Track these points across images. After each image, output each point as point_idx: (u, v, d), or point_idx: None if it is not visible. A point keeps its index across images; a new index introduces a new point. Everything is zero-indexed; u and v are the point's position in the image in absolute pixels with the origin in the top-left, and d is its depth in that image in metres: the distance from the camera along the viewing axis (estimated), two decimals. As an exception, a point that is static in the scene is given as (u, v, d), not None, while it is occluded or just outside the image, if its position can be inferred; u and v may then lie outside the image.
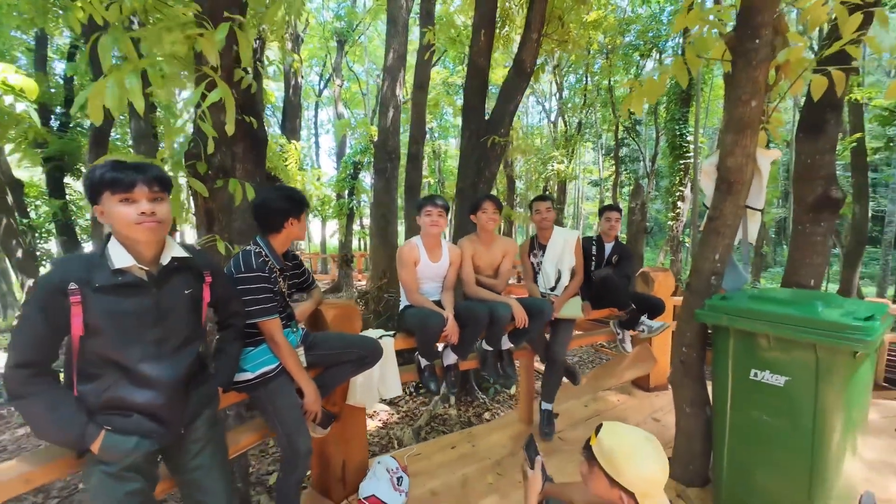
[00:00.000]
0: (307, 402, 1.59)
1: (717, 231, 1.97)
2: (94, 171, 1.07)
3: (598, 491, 1.10)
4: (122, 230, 1.08)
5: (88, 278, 1.03)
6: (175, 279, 1.18)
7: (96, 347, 1.05)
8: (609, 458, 1.05)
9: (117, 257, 1.07)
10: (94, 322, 1.03)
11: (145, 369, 1.09)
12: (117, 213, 1.06)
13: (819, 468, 1.56)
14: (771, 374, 1.65)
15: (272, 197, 1.58)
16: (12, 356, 0.99)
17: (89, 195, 1.08)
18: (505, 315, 2.09)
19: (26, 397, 0.99)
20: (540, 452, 1.41)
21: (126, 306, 1.07)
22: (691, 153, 12.78)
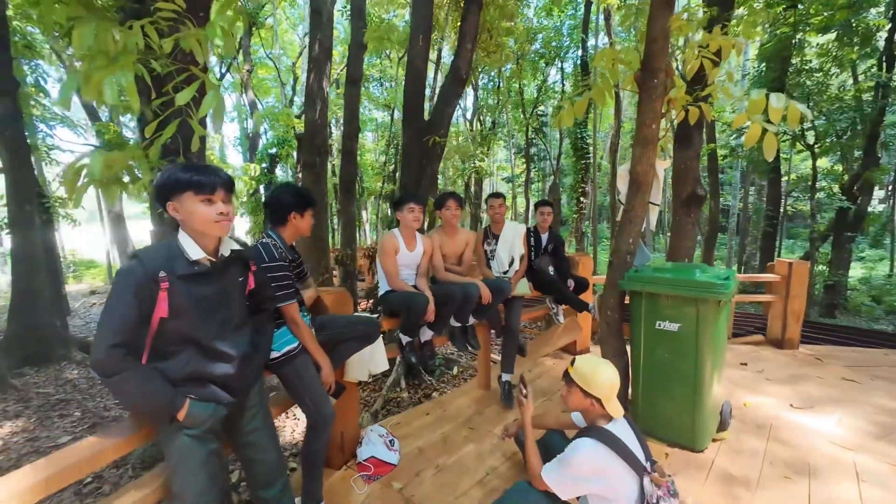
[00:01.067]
0: (324, 375, 1.80)
1: (631, 220, 2.60)
2: (175, 171, 1.20)
3: (575, 403, 1.56)
4: (199, 226, 1.24)
5: (172, 267, 1.18)
6: (231, 269, 1.35)
7: (178, 328, 1.20)
8: (583, 376, 1.51)
9: (191, 250, 1.23)
10: (177, 305, 1.18)
11: (219, 346, 1.27)
12: (199, 211, 1.22)
13: (698, 390, 2.24)
14: (669, 323, 2.30)
15: (280, 191, 1.77)
16: (108, 338, 1.10)
17: (166, 192, 1.21)
18: (475, 293, 2.48)
19: (122, 374, 1.11)
20: (528, 387, 1.84)
21: (201, 291, 1.24)
22: (591, 154, 14.54)
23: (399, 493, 2.01)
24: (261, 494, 1.50)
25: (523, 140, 20.73)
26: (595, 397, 1.50)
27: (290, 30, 21.11)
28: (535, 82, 19.06)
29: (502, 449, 2.37)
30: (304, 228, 1.82)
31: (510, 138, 22.42)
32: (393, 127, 17.20)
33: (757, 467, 2.18)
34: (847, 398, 2.97)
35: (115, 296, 1.13)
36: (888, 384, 3.21)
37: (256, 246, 1.67)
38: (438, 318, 2.48)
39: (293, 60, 17.99)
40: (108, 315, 1.12)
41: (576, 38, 16.84)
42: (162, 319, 1.17)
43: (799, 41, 8.60)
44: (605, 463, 1.41)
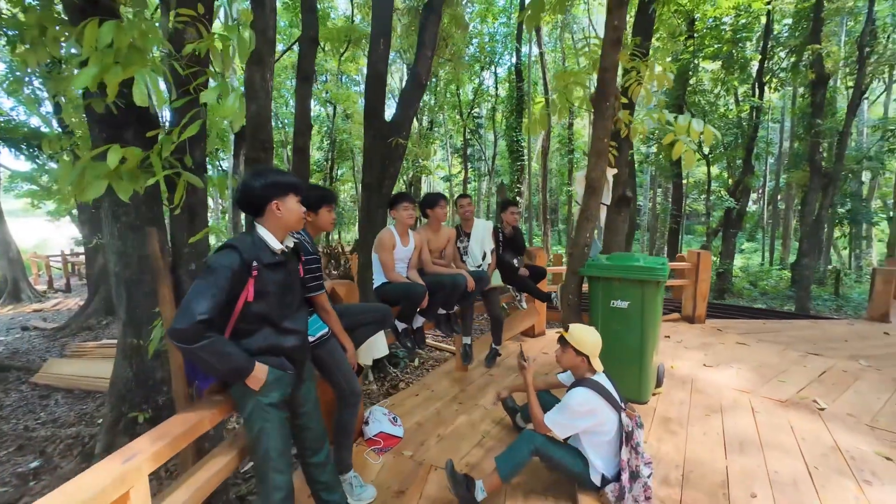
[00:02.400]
0: (349, 355, 2.01)
1: (587, 218, 3.11)
2: (286, 176, 1.44)
3: (568, 361, 1.96)
4: (294, 223, 1.46)
5: (260, 257, 1.36)
6: (291, 258, 1.54)
7: (259, 309, 1.38)
8: (576, 338, 1.93)
9: (273, 243, 1.43)
10: (261, 290, 1.37)
11: (288, 324, 1.46)
12: (297, 210, 1.45)
13: (643, 355, 2.80)
14: (621, 302, 2.84)
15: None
16: (197, 312, 1.23)
17: (275, 192, 1.41)
18: (463, 283, 2.81)
19: (204, 342, 1.25)
20: (527, 356, 2.21)
21: (278, 278, 1.44)
22: (525, 157, 15.57)
23: (411, 459, 2.28)
24: (311, 460, 1.69)
25: (460, 140, 21.43)
26: (585, 355, 1.92)
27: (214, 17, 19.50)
28: (472, 85, 19.81)
29: (491, 417, 2.73)
30: (324, 224, 2.00)
31: (448, 139, 22.99)
32: (331, 123, 16.80)
33: (685, 411, 2.80)
34: (740, 357, 3.80)
35: (211, 278, 1.28)
36: (767, 345, 4.15)
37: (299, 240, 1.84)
38: (430, 306, 2.77)
39: (220, 47, 16.66)
40: (201, 293, 1.26)
41: (509, 45, 17.87)
42: (246, 303, 1.34)
43: (695, 66, 10.20)
44: (595, 404, 1.82)
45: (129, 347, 3.16)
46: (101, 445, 3.31)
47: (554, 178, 25.87)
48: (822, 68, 8.99)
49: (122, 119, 2.59)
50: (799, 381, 3.23)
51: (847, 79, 12.55)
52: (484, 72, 19.34)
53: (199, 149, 2.32)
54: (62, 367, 5.86)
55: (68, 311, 9.96)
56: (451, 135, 23.15)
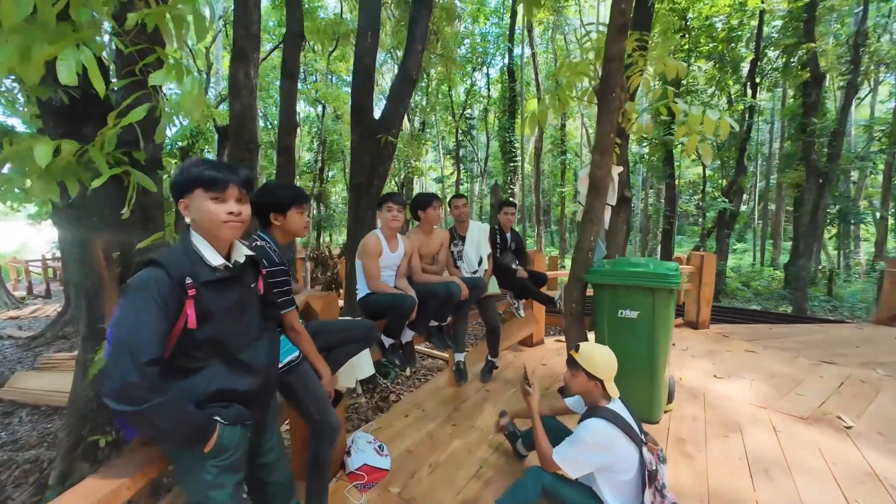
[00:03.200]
0: (325, 383, 1.73)
1: (592, 220, 2.86)
2: (189, 167, 1.09)
3: (579, 386, 1.70)
4: (208, 227, 1.12)
5: (196, 274, 1.07)
6: (245, 274, 1.25)
7: (203, 340, 1.08)
8: (588, 360, 1.67)
9: (210, 255, 1.12)
10: (206, 314, 1.07)
11: (244, 357, 1.17)
12: (207, 210, 1.11)
13: (655, 369, 2.56)
14: (630, 311, 2.59)
15: (261, 192, 1.65)
16: (139, 355, 0.94)
17: (179, 189, 1.10)
18: (457, 292, 2.54)
19: (155, 399, 0.96)
20: (532, 380, 1.95)
21: (224, 299, 1.13)
22: (519, 157, 15.39)
23: (399, 497, 2.00)
24: (275, 518, 1.40)
25: (452, 142, 21.22)
26: (598, 379, 1.66)
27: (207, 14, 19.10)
28: (464, 86, 19.66)
29: (488, 441, 2.46)
30: (295, 228, 1.71)
31: (440, 139, 22.79)
32: (321, 124, 16.47)
33: (700, 430, 2.56)
34: (751, 366, 3.58)
35: (137, 308, 0.99)
36: (776, 352, 3.94)
37: (261, 248, 1.56)
38: (421, 318, 2.50)
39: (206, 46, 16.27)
40: (132, 330, 0.97)
41: (501, 46, 17.73)
42: (186, 331, 1.05)
43: (688, 65, 10.08)
44: (612, 438, 1.57)
45: (89, 363, 2.84)
46: (57, 474, 2.98)
47: (546, 180, 25.80)
48: (818, 67, 8.91)
49: (80, 111, 2.28)
50: (817, 393, 3.02)
51: (837, 79, 12.60)
52: (476, 72, 19.19)
53: (152, 142, 2.02)
54: (29, 381, 5.45)
55: (46, 318, 9.48)
56: (443, 136, 22.96)
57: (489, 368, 3.36)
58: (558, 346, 4.19)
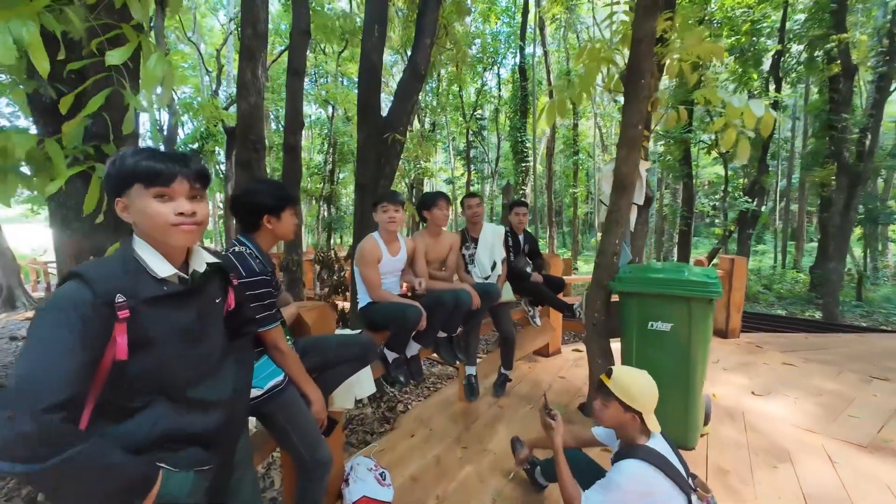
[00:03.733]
0: (315, 410, 1.49)
1: (616, 221, 2.59)
2: (123, 158, 0.86)
3: (612, 418, 1.44)
4: (153, 231, 0.89)
5: (133, 289, 0.84)
6: (208, 287, 1.02)
7: (142, 373, 0.85)
8: (623, 388, 1.40)
9: (157, 265, 0.89)
10: (142, 342, 0.84)
11: (200, 392, 0.93)
12: (151, 211, 0.88)
13: (691, 389, 2.27)
14: (662, 323, 2.31)
15: (248, 190, 1.45)
16: (40, 398, 0.71)
17: (112, 185, 0.87)
18: (467, 300, 2.29)
19: (64, 453, 0.72)
20: (554, 408, 1.69)
21: (176, 320, 0.90)
22: (530, 158, 15.09)
23: (401, 536, 1.76)
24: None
25: (463, 142, 21.01)
26: (636, 411, 1.40)
27: (210, 13, 19.32)
28: (474, 86, 19.46)
29: (503, 466, 2.20)
30: (285, 232, 1.50)
31: (450, 141, 22.62)
32: (331, 125, 16.42)
33: (745, 459, 2.26)
34: (792, 382, 3.25)
35: (46, 334, 0.76)
36: (818, 366, 3.59)
37: (228, 256, 1.34)
38: (428, 329, 2.25)
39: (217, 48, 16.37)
40: (36, 364, 0.74)
41: (512, 45, 17.46)
42: (117, 363, 0.82)
43: (710, 60, 9.67)
44: (653, 485, 1.30)
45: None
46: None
47: (558, 180, 25.41)
48: (849, 59, 8.44)
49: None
50: (874, 416, 2.68)
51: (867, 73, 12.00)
52: (486, 73, 18.98)
53: (128, 135, 1.82)
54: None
55: (60, 320, 9.51)
56: (453, 137, 22.80)
57: (502, 382, 3.11)
58: (577, 357, 3.90)
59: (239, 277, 1.26)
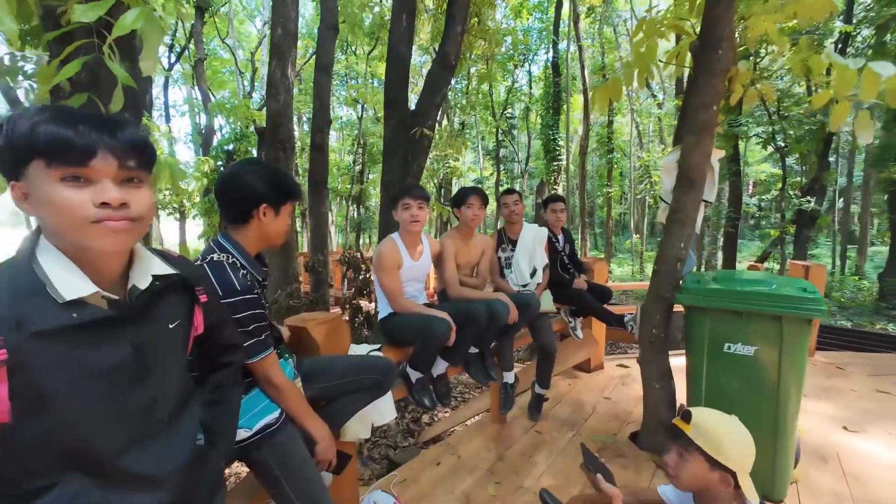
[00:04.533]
0: (321, 450, 1.22)
1: (681, 222, 2.18)
2: (15, 120, 0.59)
3: (693, 476, 1.08)
4: (66, 231, 0.62)
5: (19, 317, 0.57)
6: (157, 309, 0.74)
7: (42, 439, 0.59)
8: (711, 438, 1.05)
9: (63, 282, 0.62)
10: (34, 395, 0.57)
11: (132, 462, 0.66)
12: (60, 200, 0.60)
13: (781, 428, 1.84)
14: (742, 346, 1.89)
15: (242, 170, 1.15)
16: None
17: (4, 163, 0.61)
18: (503, 313, 1.97)
19: None
20: (603, 459, 1.34)
21: (94, 361, 0.63)
22: (563, 156, 14.51)
23: None
24: None
25: (492, 142, 20.62)
26: (729, 471, 1.03)
27: (248, 20, 19.89)
28: (504, 84, 19.05)
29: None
30: (279, 232, 1.20)
31: (479, 140, 22.26)
32: (360, 125, 16.48)
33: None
34: (891, 414, 2.71)
35: None
36: (920, 394, 3.01)
37: (202, 268, 1.05)
38: (457, 345, 1.94)
39: (252, 52, 16.77)
40: None
41: (545, 41, 16.91)
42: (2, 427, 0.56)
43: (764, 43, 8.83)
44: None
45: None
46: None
47: (590, 180, 24.52)
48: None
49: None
50: None
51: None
52: (517, 70, 18.54)
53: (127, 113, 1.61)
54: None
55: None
56: (482, 136, 22.46)
57: (537, 403, 2.72)
58: (622, 374, 3.48)
59: (213, 296, 0.99)
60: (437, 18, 6.68)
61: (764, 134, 9.08)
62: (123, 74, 1.26)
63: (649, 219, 21.61)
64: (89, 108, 1.49)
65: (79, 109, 0.65)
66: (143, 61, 1.20)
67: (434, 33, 8.37)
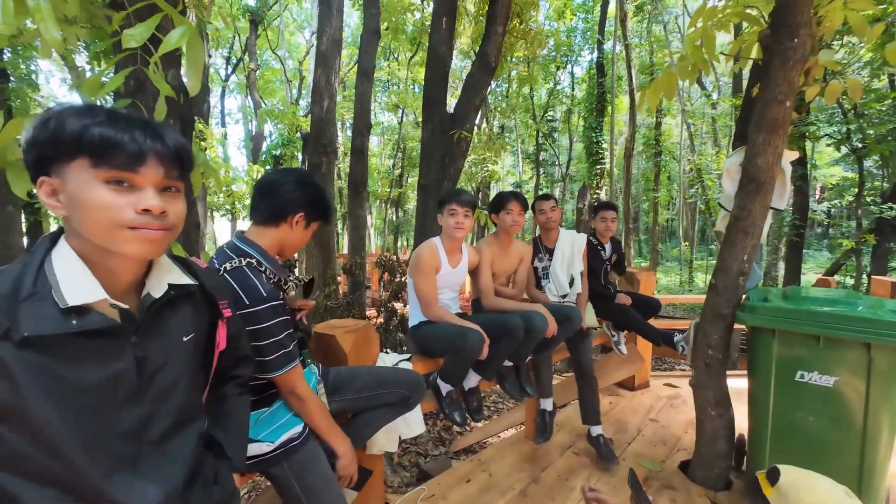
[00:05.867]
0: (343, 466, 1.16)
1: (745, 231, 1.95)
2: (62, 116, 0.57)
3: None
4: (93, 233, 0.60)
5: (11, 321, 0.55)
6: (169, 320, 0.71)
7: (19, 457, 0.56)
8: None
9: (72, 285, 0.59)
10: (16, 408, 0.55)
11: (121, 486, 0.62)
12: (98, 202, 0.58)
13: (869, 469, 1.58)
14: (819, 375, 1.65)
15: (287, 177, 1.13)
16: None
17: (38, 156, 0.59)
18: (542, 326, 1.83)
19: None
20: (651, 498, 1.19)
21: (86, 376, 0.60)
22: (606, 159, 13.97)
23: None
24: None
25: (532, 145, 20.26)
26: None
27: (297, 31, 20.85)
28: (546, 87, 18.70)
29: (583, 547, 1.71)
30: (295, 243, 1.17)
31: (519, 143, 21.98)
32: (401, 130, 16.75)
33: (960, 589, 1.51)
34: None
35: None
36: None
37: (223, 276, 1.01)
38: (491, 359, 1.83)
39: (300, 61, 17.55)
40: None
41: (589, 41, 16.41)
42: None
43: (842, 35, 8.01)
44: None
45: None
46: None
47: (636, 184, 23.48)
48: None
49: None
50: None
51: None
52: (559, 71, 18.15)
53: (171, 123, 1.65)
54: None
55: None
56: (522, 139, 22.17)
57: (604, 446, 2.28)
58: (670, 394, 3.21)
59: (239, 306, 0.96)
60: (479, 22, 6.62)
61: (837, 134, 8.23)
62: (165, 87, 1.28)
63: (699, 225, 20.34)
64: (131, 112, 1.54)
65: (130, 113, 0.63)
66: (189, 81, 1.22)
67: (475, 36, 8.32)
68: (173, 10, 1.29)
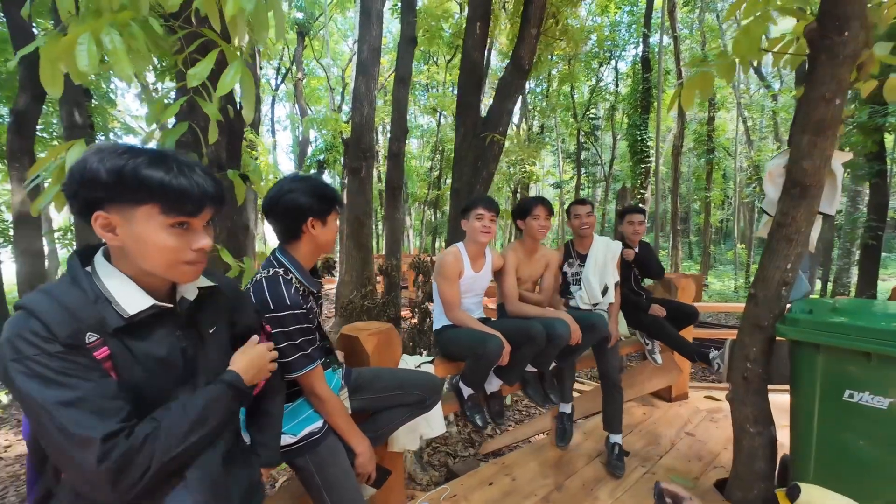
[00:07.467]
0: (360, 463, 1.24)
1: (789, 238, 1.83)
2: (127, 159, 0.66)
3: None
4: (160, 267, 0.72)
5: (101, 321, 0.68)
6: (198, 315, 0.83)
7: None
8: None
9: (128, 300, 0.71)
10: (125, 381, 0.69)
11: None
12: (162, 243, 0.69)
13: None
14: (871, 396, 1.52)
15: (287, 187, 1.17)
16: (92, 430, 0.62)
17: (92, 192, 0.67)
18: (564, 333, 1.83)
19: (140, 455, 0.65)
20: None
21: (153, 351, 0.73)
22: (652, 157, 13.34)
23: None
24: None
25: (572, 144, 19.73)
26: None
27: (342, 40, 21.64)
28: (588, 84, 18.15)
29: (604, 559, 1.68)
30: (328, 241, 1.23)
31: (560, 142, 21.48)
32: (439, 133, 16.93)
33: None
34: None
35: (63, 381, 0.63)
36: None
37: (258, 283, 1.12)
38: (512, 365, 1.85)
39: (342, 69, 18.22)
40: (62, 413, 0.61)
41: (634, 35, 15.76)
42: None
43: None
44: None
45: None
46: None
47: (685, 183, 22.19)
48: None
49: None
50: None
51: None
52: (602, 67, 17.56)
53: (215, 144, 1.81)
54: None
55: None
56: (563, 138, 21.66)
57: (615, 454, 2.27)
58: (711, 407, 3.04)
59: (268, 311, 1.06)
60: (516, 24, 6.59)
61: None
62: (214, 112, 1.42)
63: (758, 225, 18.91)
64: (189, 137, 1.71)
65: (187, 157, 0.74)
66: (244, 111, 1.35)
67: (512, 38, 8.28)
68: (227, 46, 1.42)
